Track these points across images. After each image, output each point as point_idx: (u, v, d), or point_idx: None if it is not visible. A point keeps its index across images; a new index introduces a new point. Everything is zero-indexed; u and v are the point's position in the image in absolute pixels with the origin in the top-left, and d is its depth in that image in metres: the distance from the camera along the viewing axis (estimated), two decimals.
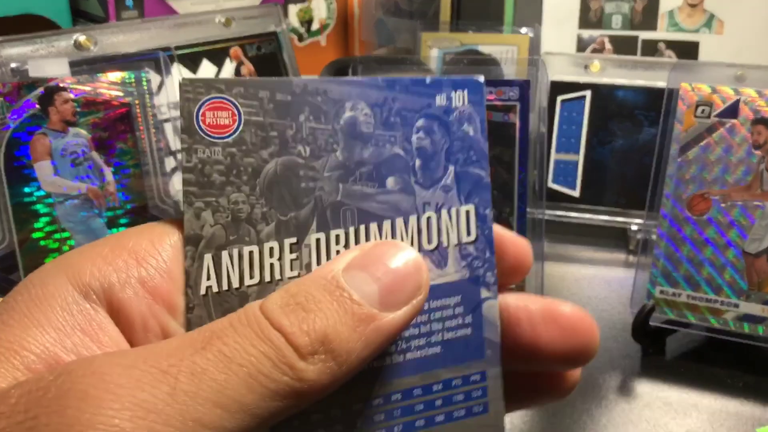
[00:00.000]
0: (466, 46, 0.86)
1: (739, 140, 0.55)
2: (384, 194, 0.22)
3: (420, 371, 0.22)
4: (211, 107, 0.21)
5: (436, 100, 0.23)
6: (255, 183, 0.21)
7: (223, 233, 0.21)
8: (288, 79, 0.22)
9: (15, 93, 0.52)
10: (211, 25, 0.73)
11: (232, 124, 0.21)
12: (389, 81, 0.22)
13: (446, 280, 0.23)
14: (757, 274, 0.55)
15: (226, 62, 0.73)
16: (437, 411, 0.22)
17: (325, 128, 0.22)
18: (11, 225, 0.52)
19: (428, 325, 0.22)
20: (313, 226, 0.22)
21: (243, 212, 0.21)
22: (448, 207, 0.23)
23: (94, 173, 0.54)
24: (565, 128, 0.77)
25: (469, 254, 0.23)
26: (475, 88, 0.23)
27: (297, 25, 1.06)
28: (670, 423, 0.50)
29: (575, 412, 0.51)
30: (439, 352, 0.22)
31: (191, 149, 0.21)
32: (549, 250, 0.75)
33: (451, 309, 0.23)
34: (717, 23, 0.89)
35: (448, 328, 0.22)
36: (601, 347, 0.63)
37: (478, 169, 0.23)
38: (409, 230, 0.22)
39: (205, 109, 0.21)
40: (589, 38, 0.92)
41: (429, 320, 0.22)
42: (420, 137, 0.22)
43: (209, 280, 0.21)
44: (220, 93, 0.21)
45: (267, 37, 0.77)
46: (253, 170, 0.21)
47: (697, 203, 0.56)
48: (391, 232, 0.22)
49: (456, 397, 0.22)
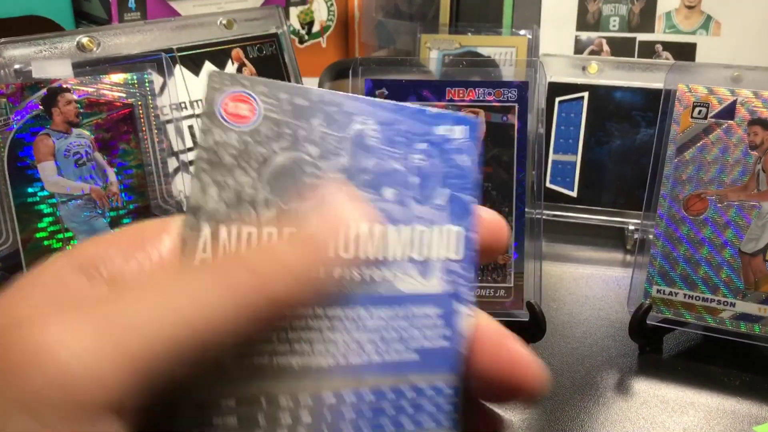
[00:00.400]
0: (465, 47, 0.87)
1: (736, 141, 0.56)
2: (381, 202, 0.23)
3: (396, 373, 0.23)
4: (234, 99, 0.22)
5: (438, 129, 0.24)
6: (263, 170, 0.22)
7: (226, 210, 0.22)
8: (308, 87, 0.23)
9: (18, 94, 0.53)
10: (213, 27, 0.73)
11: (251, 116, 0.22)
12: (399, 106, 0.24)
13: (429, 291, 0.23)
14: (754, 273, 0.55)
15: (228, 64, 0.74)
16: (406, 417, 0.23)
17: (335, 135, 0.23)
18: (15, 225, 0.52)
19: (408, 331, 0.23)
20: None
21: (247, 195, 0.22)
22: (440, 225, 0.24)
23: (97, 174, 0.54)
24: (562, 129, 0.77)
25: (454, 271, 0.24)
26: (473, 126, 0.24)
27: (298, 27, 1.07)
28: (667, 421, 0.50)
29: (573, 410, 0.51)
30: (416, 359, 0.23)
31: (209, 131, 0.22)
32: (547, 250, 0.76)
33: (432, 319, 0.23)
34: (714, 25, 0.90)
35: (427, 337, 0.23)
36: (598, 346, 0.64)
37: (470, 196, 0.24)
38: (401, 238, 0.23)
39: (228, 99, 0.22)
40: (586, 40, 0.92)
41: (410, 326, 0.23)
42: (420, 158, 0.24)
43: (205, 252, 0.21)
44: (244, 88, 0.22)
45: (268, 38, 0.78)
46: (264, 159, 0.22)
47: (693, 203, 0.57)
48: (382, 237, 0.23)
49: (427, 406, 0.23)
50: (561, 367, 0.56)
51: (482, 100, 0.57)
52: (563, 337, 0.60)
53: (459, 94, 0.57)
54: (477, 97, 0.57)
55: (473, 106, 0.57)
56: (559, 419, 0.50)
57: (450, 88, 0.57)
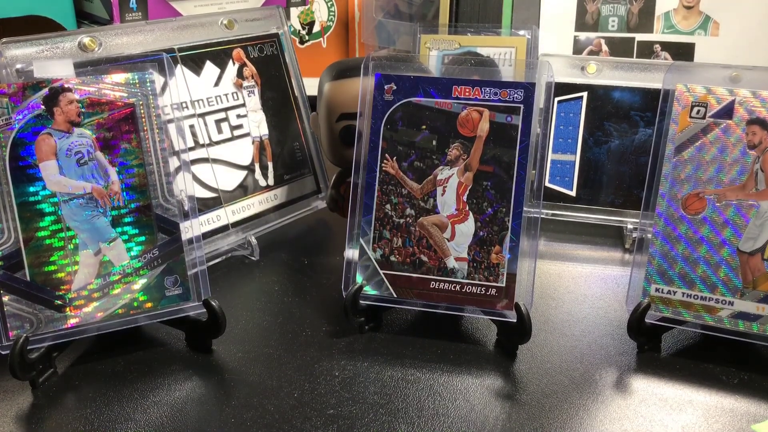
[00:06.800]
0: (465, 47, 0.87)
1: (734, 140, 0.56)
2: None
3: None
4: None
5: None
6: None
7: None
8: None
9: (20, 94, 0.53)
10: (214, 27, 0.74)
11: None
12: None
13: None
14: (752, 272, 0.55)
15: (229, 64, 0.74)
16: None
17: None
18: (17, 224, 0.53)
19: None
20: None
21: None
22: None
23: (98, 173, 0.55)
24: (561, 129, 0.77)
25: None
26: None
27: (298, 27, 1.07)
28: (665, 419, 0.51)
29: (571, 408, 0.51)
30: None
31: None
32: (546, 249, 0.76)
33: None
34: (712, 25, 0.90)
35: None
36: (597, 344, 0.64)
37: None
38: None
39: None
40: (585, 40, 0.93)
41: None
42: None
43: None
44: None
45: (269, 38, 0.78)
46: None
47: (692, 202, 0.57)
48: None
49: None
50: (560, 365, 0.56)
51: (488, 99, 0.57)
52: (562, 335, 0.60)
53: (465, 92, 0.58)
54: (483, 96, 0.57)
55: (478, 105, 0.58)
56: (557, 417, 0.50)
57: (456, 86, 0.58)
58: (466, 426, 0.49)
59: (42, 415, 0.51)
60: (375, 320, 0.61)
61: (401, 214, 0.59)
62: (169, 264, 0.56)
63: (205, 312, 0.56)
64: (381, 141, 0.59)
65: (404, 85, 0.58)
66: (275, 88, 0.77)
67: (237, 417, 0.50)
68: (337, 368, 0.55)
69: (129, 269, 0.55)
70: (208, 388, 0.53)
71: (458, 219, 0.58)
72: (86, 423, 0.49)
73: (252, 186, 0.74)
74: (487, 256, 0.58)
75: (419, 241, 0.59)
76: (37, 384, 0.53)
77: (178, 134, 0.57)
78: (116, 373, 0.55)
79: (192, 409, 0.51)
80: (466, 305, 0.58)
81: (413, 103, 0.58)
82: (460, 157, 0.58)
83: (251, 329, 0.61)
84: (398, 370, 0.55)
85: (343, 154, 0.69)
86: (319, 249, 0.75)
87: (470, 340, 0.59)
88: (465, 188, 0.58)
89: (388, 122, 0.59)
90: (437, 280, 0.58)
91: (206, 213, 0.70)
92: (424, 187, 0.59)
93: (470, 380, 0.54)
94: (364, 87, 0.59)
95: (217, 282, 0.67)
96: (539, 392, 0.53)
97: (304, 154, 0.79)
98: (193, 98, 0.71)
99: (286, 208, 0.77)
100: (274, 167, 0.76)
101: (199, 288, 0.57)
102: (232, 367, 0.56)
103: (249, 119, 0.75)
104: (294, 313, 0.63)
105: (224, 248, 0.72)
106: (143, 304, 0.56)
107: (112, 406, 0.51)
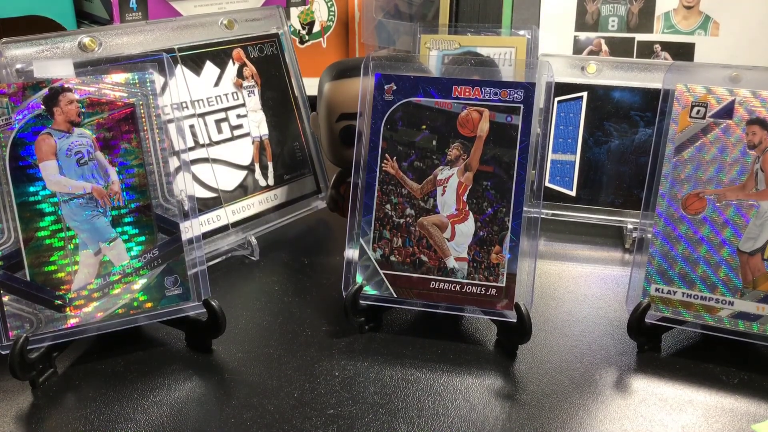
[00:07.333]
0: (465, 47, 0.87)
1: (734, 140, 0.56)
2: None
3: None
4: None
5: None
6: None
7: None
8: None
9: (20, 93, 0.53)
10: (214, 27, 0.74)
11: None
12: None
13: None
14: (752, 272, 0.55)
15: (229, 64, 0.74)
16: None
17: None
18: (17, 224, 0.53)
19: None
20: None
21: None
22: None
23: (98, 173, 0.55)
24: (561, 129, 0.77)
25: None
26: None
27: (298, 27, 1.07)
28: (665, 419, 0.51)
29: (571, 407, 0.51)
30: None
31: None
32: (546, 249, 0.76)
33: None
34: (712, 25, 0.90)
35: None
36: (597, 344, 0.64)
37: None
38: None
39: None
40: (585, 40, 0.93)
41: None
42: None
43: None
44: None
45: (269, 38, 0.78)
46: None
47: (692, 202, 0.57)
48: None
49: None
50: (560, 365, 0.56)
51: (488, 99, 0.57)
52: (562, 335, 0.60)
53: (465, 92, 0.58)
54: (483, 96, 0.57)
55: (478, 105, 0.58)
56: (557, 417, 0.50)
57: (456, 85, 0.58)
58: (466, 426, 0.49)
59: (42, 415, 0.51)
60: (375, 320, 0.61)
61: (401, 214, 0.59)
62: (169, 264, 0.56)
63: (205, 312, 0.56)
64: (381, 141, 0.59)
65: (404, 85, 0.59)
66: (275, 88, 0.77)
67: (237, 417, 0.50)
68: (337, 368, 0.55)
69: (129, 269, 0.55)
70: (208, 388, 0.53)
71: (458, 219, 0.58)
72: (86, 423, 0.49)
73: (252, 186, 0.74)
74: (487, 256, 0.58)
75: (419, 241, 0.59)
76: (37, 384, 0.53)
77: (178, 134, 0.57)
78: (116, 373, 0.55)
79: (192, 409, 0.51)
80: (466, 305, 0.58)
81: (413, 103, 0.58)
82: (460, 157, 0.58)
83: (251, 329, 0.61)
84: (398, 370, 0.55)
85: (343, 154, 0.69)
86: (319, 249, 0.75)
87: (470, 340, 0.59)
88: (465, 188, 0.58)
89: (388, 122, 0.59)
90: (437, 280, 0.58)
91: (206, 213, 0.70)
92: (424, 187, 0.59)
93: (470, 380, 0.54)
94: (364, 87, 0.59)
95: (217, 282, 0.67)
96: (539, 392, 0.53)
97: (304, 154, 0.79)
98: (193, 98, 0.71)
99: (286, 208, 0.77)
100: (274, 167, 0.76)
101: (199, 288, 0.57)
102: (232, 367, 0.56)
103: (249, 119, 0.75)
104: (294, 313, 0.63)
105: (224, 248, 0.72)
106: (143, 304, 0.56)
107: (112, 406, 0.51)
